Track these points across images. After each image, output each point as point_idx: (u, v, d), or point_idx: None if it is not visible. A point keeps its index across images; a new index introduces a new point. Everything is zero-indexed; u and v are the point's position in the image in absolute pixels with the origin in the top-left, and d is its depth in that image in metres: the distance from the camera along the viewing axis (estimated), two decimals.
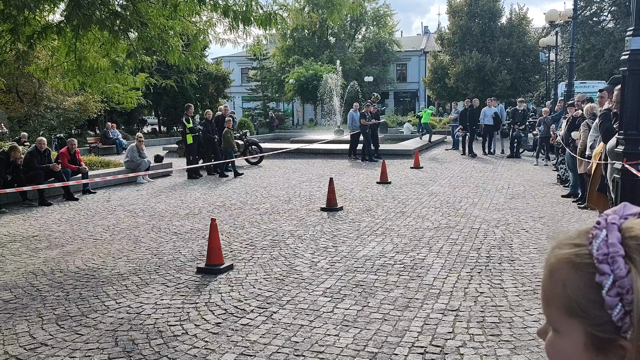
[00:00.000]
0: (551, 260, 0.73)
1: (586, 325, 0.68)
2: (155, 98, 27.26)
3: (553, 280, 0.72)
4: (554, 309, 0.72)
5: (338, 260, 5.79)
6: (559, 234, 0.75)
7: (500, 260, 5.65)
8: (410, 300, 4.54)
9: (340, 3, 7.53)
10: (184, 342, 3.83)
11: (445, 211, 8.35)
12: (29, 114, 20.57)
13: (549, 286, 0.72)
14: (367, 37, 45.89)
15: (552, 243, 0.75)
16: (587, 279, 0.67)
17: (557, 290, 0.70)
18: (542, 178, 12.09)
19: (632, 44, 3.74)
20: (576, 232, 0.73)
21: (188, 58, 8.01)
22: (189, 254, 6.18)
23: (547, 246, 0.77)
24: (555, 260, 0.72)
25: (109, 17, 6.74)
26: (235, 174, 13.32)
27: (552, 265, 0.72)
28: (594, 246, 0.68)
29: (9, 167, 9.75)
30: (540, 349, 3.57)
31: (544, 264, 0.75)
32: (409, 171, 13.68)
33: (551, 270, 0.72)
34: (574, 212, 8.22)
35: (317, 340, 3.78)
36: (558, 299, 0.71)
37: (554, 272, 0.72)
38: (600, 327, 0.66)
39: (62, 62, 8.34)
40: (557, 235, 0.75)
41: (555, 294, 0.71)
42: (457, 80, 33.40)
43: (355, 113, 16.92)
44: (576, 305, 0.68)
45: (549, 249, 0.75)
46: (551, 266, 0.72)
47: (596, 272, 0.66)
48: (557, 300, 0.71)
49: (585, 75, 28.91)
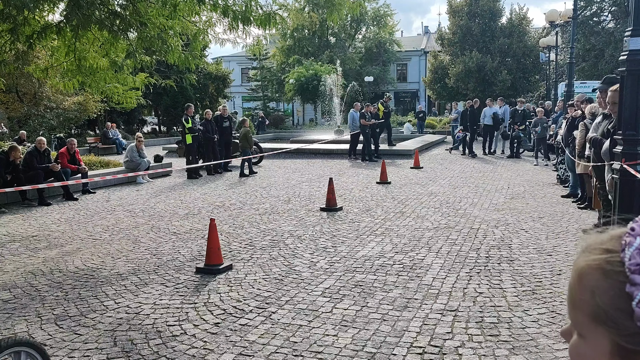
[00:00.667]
0: (580, 264, 0.71)
1: (613, 335, 0.66)
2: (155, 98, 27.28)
3: (581, 285, 0.70)
4: (580, 314, 0.70)
5: (337, 260, 5.79)
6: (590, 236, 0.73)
7: (499, 261, 5.65)
8: (409, 300, 4.54)
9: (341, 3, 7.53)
10: (182, 342, 3.83)
11: (444, 211, 8.35)
12: (29, 113, 20.58)
13: (577, 291, 0.71)
14: (367, 37, 45.89)
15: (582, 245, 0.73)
16: (617, 288, 0.65)
17: (585, 297, 0.69)
18: (542, 178, 12.08)
19: (630, 44, 3.73)
20: (608, 236, 0.70)
21: (188, 58, 8.01)
22: (188, 254, 6.18)
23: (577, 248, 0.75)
24: (584, 264, 0.70)
25: (108, 17, 6.73)
26: (250, 172, 13.43)
27: (582, 269, 0.70)
28: (627, 254, 0.65)
29: (8, 167, 9.76)
30: (538, 350, 3.57)
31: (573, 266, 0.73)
32: (409, 171, 13.68)
33: (580, 275, 0.70)
34: (573, 212, 8.22)
35: (316, 341, 3.78)
36: (585, 305, 0.69)
37: (583, 277, 0.70)
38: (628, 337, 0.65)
39: (61, 62, 8.34)
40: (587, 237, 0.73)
41: (583, 299, 0.69)
42: (457, 80, 33.39)
43: (355, 113, 16.92)
44: (604, 313, 0.66)
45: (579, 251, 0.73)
46: (580, 270, 0.71)
47: (627, 281, 0.64)
48: (585, 306, 0.69)
49: (586, 76, 28.90)
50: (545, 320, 4.04)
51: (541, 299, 4.51)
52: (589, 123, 6.78)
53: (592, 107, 6.72)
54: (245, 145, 13.65)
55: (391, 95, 21.33)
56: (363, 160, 16.30)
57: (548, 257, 5.78)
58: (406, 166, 14.63)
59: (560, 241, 6.45)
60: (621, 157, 3.71)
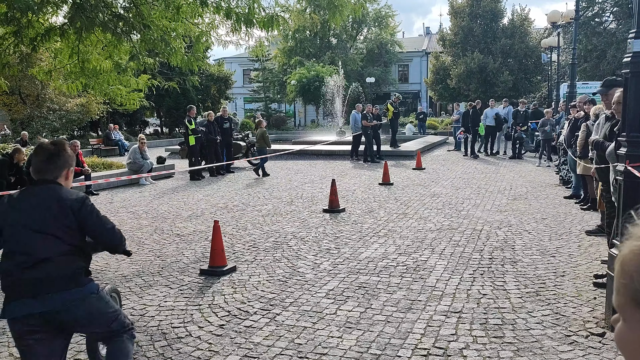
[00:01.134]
0: (623, 251, 0.77)
1: None
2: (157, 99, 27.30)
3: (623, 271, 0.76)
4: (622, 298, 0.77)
5: (341, 262, 5.80)
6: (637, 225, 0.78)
7: (502, 262, 5.66)
8: (413, 302, 4.55)
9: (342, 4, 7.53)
10: (187, 344, 3.84)
11: (447, 212, 8.35)
12: (32, 115, 20.63)
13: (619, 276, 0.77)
14: (368, 38, 45.90)
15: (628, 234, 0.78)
16: None
17: (626, 281, 0.75)
18: (545, 179, 12.08)
19: (634, 46, 3.74)
20: None
21: (190, 60, 8.02)
22: (192, 256, 6.19)
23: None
24: (627, 251, 0.76)
25: (111, 19, 6.75)
26: (263, 174, 13.48)
27: (624, 256, 0.76)
28: None
29: (12, 169, 9.78)
30: (543, 351, 3.58)
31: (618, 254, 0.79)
32: (411, 172, 13.68)
33: (622, 261, 0.77)
34: (576, 213, 8.21)
35: (320, 342, 3.79)
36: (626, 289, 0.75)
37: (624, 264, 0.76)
38: None
39: (65, 64, 8.35)
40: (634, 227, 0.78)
41: (624, 284, 0.75)
42: (459, 81, 33.40)
43: (357, 114, 16.93)
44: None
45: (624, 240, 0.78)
46: (622, 257, 0.77)
47: None
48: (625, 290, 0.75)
49: (588, 76, 28.88)
50: (550, 322, 4.05)
51: (545, 300, 4.51)
52: (591, 125, 6.78)
53: (597, 109, 6.71)
54: (262, 145, 13.67)
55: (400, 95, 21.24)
56: (365, 162, 16.30)
57: (551, 258, 5.78)
58: (408, 167, 14.63)
59: (563, 242, 6.45)
60: (625, 159, 3.72)
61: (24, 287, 2.56)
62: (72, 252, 2.66)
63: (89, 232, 2.72)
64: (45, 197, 2.67)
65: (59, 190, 2.70)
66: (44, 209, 2.64)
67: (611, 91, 5.34)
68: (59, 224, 2.62)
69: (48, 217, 2.62)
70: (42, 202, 2.66)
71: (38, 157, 2.78)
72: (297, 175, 13.70)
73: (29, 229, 2.60)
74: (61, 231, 2.62)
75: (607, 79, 5.81)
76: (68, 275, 2.61)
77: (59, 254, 2.61)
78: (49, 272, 2.57)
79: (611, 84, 5.53)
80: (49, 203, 2.65)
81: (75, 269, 2.66)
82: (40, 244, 2.59)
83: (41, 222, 2.61)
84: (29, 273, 2.56)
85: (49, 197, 2.67)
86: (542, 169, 14.11)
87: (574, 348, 3.62)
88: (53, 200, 2.66)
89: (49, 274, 2.57)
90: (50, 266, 2.58)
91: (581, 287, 4.82)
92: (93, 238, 2.77)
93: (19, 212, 2.65)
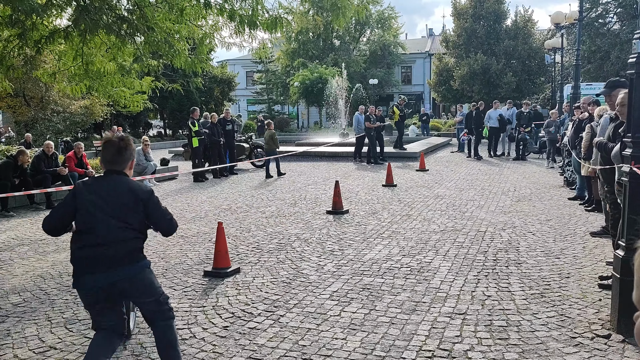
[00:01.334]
0: None
1: None
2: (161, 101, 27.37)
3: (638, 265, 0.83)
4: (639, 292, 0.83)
5: (344, 263, 5.79)
6: None
7: (507, 263, 5.64)
8: (417, 303, 4.54)
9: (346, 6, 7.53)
10: (191, 345, 3.84)
11: (451, 214, 8.34)
12: (36, 117, 20.69)
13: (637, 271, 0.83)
14: (371, 39, 45.92)
15: None
16: None
17: None
18: (549, 181, 12.05)
19: (639, 46, 3.73)
20: None
21: (194, 62, 8.04)
22: (195, 258, 6.20)
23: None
24: None
25: (115, 21, 6.77)
26: (277, 174, 13.63)
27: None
28: None
29: (16, 171, 9.81)
30: (548, 353, 3.56)
31: None
32: (415, 174, 13.66)
33: None
34: (580, 214, 8.19)
35: (325, 344, 3.78)
36: None
37: None
38: None
39: (69, 66, 8.38)
40: None
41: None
42: (462, 82, 33.37)
43: (360, 116, 16.93)
44: None
45: None
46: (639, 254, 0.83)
47: None
48: None
49: (591, 77, 28.82)
50: (555, 324, 4.03)
51: (550, 302, 4.49)
52: (595, 126, 6.76)
53: (601, 110, 6.69)
54: (271, 147, 13.75)
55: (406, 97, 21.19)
56: (368, 163, 16.29)
57: (556, 259, 5.76)
58: (412, 169, 14.62)
59: (568, 244, 6.43)
60: (630, 160, 3.71)
61: (96, 263, 2.99)
62: (137, 235, 3.12)
63: (152, 220, 3.18)
64: (117, 187, 3.10)
65: (128, 180, 3.17)
66: (118, 196, 3.06)
67: (614, 92, 5.32)
68: (130, 211, 3.07)
69: (121, 204, 3.05)
70: (115, 190, 3.08)
71: (108, 151, 3.17)
72: (300, 176, 13.70)
73: (105, 214, 3.01)
74: (132, 217, 3.07)
75: (611, 80, 5.79)
76: (132, 253, 3.10)
77: (127, 236, 3.06)
78: (118, 251, 3.01)
79: (614, 84, 5.51)
80: (121, 192, 3.08)
81: (138, 248, 3.14)
82: (114, 227, 3.02)
83: (115, 208, 3.03)
84: (102, 251, 2.98)
85: (121, 186, 3.10)
86: (546, 170, 14.08)
87: (580, 350, 3.60)
88: (125, 189, 3.09)
89: (117, 252, 3.01)
90: (120, 246, 3.02)
91: (586, 288, 4.81)
92: (154, 225, 3.23)
93: (95, 198, 3.05)
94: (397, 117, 18.44)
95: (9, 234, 7.78)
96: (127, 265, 3.05)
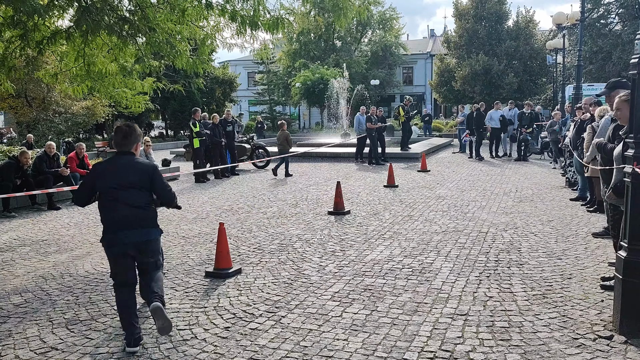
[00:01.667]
0: None
1: None
2: (162, 102, 27.42)
3: None
4: None
5: (346, 264, 5.79)
6: None
7: (509, 264, 5.63)
8: (419, 304, 4.53)
9: (347, 7, 7.53)
10: (193, 346, 3.84)
11: (453, 215, 8.32)
12: (38, 118, 20.72)
13: None
14: (373, 40, 45.91)
15: None
16: None
17: None
18: (551, 181, 12.03)
19: None
20: None
21: (195, 62, 8.03)
22: (197, 258, 6.20)
23: None
24: None
25: (117, 22, 6.77)
26: (285, 174, 13.81)
27: None
28: None
29: (18, 172, 9.82)
30: (550, 354, 3.55)
31: None
32: (416, 174, 13.66)
33: None
34: (583, 215, 8.17)
35: (326, 345, 3.78)
36: None
37: None
38: None
39: (70, 67, 8.39)
40: None
41: None
42: (463, 83, 33.35)
43: (361, 116, 16.92)
44: None
45: None
46: None
47: None
48: None
49: (593, 78, 28.79)
50: (557, 325, 4.02)
51: (552, 303, 4.48)
52: (596, 126, 6.74)
53: (602, 110, 6.67)
54: (285, 147, 13.97)
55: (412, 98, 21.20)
56: (370, 164, 16.29)
57: (558, 260, 5.75)
58: (413, 169, 14.61)
59: (570, 245, 6.42)
60: (633, 160, 3.70)
61: (123, 223, 3.78)
62: (150, 203, 3.91)
63: (155, 190, 3.92)
64: (128, 163, 3.87)
65: (135, 158, 3.94)
66: (130, 170, 3.84)
67: (614, 92, 5.30)
68: (142, 182, 3.85)
69: (134, 176, 3.83)
70: (127, 166, 3.85)
71: (118, 135, 3.95)
72: (301, 177, 13.69)
73: (123, 184, 3.78)
74: (144, 187, 3.85)
75: (611, 81, 5.78)
76: (150, 219, 3.92)
77: (144, 203, 3.87)
78: (140, 214, 3.83)
79: (614, 85, 5.49)
80: (132, 166, 3.86)
81: (154, 216, 3.97)
82: (134, 194, 3.81)
83: (131, 179, 3.81)
84: (128, 214, 3.78)
85: (131, 163, 3.88)
86: (547, 170, 14.06)
87: (582, 351, 3.59)
88: (134, 165, 3.88)
89: (139, 215, 3.82)
90: (140, 211, 3.83)
91: (588, 289, 4.79)
92: (156, 195, 3.96)
93: (113, 173, 3.82)
94: (402, 117, 18.43)
95: (10, 235, 7.78)
96: (148, 228, 3.88)
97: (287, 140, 14.02)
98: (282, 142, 14.00)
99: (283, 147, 13.96)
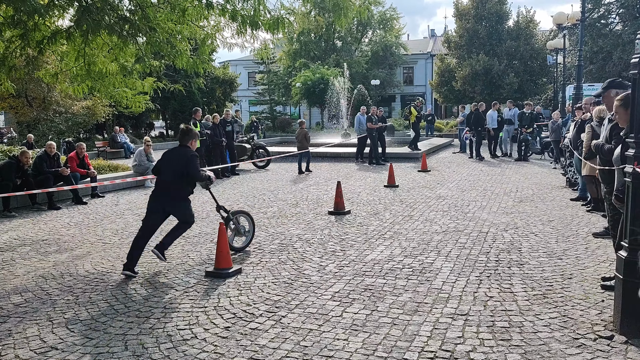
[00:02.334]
0: None
1: None
2: (163, 102, 27.39)
3: None
4: None
5: (346, 264, 5.79)
6: None
7: (509, 264, 5.63)
8: (419, 304, 4.53)
9: (347, 7, 7.53)
10: (193, 346, 3.83)
11: (453, 215, 8.32)
12: (38, 118, 20.73)
13: None
14: (373, 40, 45.91)
15: None
16: None
17: None
18: (551, 181, 12.03)
19: None
20: None
21: (196, 62, 8.04)
22: (197, 258, 6.19)
23: None
24: None
25: (117, 22, 6.77)
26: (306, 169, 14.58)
27: None
28: None
29: (18, 172, 9.82)
30: (550, 354, 3.55)
31: None
32: (417, 174, 13.65)
33: None
34: (583, 215, 8.17)
35: (327, 345, 3.78)
36: None
37: None
38: None
39: (71, 66, 8.39)
40: None
41: None
42: (464, 83, 33.36)
43: (362, 116, 16.93)
44: None
45: None
46: None
47: None
48: None
49: (594, 78, 28.79)
50: (557, 325, 4.02)
51: (552, 303, 4.48)
52: (595, 126, 6.73)
53: (600, 110, 6.66)
54: (304, 145, 14.46)
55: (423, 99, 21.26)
56: (370, 164, 16.29)
57: (558, 260, 5.74)
58: (414, 169, 14.60)
59: (570, 245, 6.42)
60: (633, 160, 3.69)
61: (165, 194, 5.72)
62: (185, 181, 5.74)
63: (188, 170, 5.62)
64: (180, 153, 5.77)
65: (187, 149, 5.80)
66: (179, 158, 5.71)
67: (606, 93, 5.29)
68: (182, 167, 5.63)
69: (180, 163, 5.67)
70: (179, 155, 5.76)
71: (179, 134, 5.95)
72: (302, 177, 13.69)
73: (172, 168, 5.69)
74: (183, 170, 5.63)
75: (607, 81, 5.75)
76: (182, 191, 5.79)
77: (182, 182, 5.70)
78: (177, 188, 5.73)
79: (609, 85, 5.47)
80: (181, 155, 5.73)
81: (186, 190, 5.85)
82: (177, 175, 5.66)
83: (176, 165, 5.68)
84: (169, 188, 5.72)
85: (182, 153, 5.76)
86: (548, 170, 14.05)
87: (582, 351, 3.59)
88: (183, 154, 5.73)
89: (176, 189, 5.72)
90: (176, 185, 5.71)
91: (589, 289, 4.79)
92: (188, 174, 5.64)
93: (169, 160, 5.79)
94: (413, 117, 18.44)
95: (10, 234, 7.78)
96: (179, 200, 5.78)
97: (306, 137, 14.57)
98: (301, 140, 14.51)
99: (302, 145, 14.45)
